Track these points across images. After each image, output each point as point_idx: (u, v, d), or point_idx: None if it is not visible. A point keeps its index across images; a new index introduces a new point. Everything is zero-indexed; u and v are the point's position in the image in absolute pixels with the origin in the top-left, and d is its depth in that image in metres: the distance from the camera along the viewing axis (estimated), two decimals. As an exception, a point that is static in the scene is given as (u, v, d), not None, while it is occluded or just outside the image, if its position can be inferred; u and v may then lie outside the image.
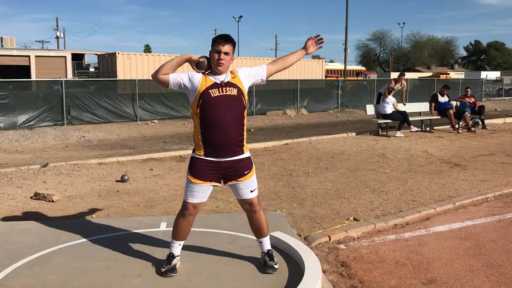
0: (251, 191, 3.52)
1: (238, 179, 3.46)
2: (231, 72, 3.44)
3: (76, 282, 3.38)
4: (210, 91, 3.30)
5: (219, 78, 3.35)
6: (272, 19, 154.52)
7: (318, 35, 3.62)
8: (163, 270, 3.47)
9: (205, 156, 3.37)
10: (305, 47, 3.64)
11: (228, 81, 3.36)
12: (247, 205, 3.53)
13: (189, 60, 3.36)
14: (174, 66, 3.37)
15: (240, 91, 3.37)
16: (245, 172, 3.50)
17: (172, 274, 3.46)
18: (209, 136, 3.34)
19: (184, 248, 3.96)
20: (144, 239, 4.26)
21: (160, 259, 3.69)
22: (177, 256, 3.57)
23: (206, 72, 3.38)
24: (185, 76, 3.38)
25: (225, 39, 3.33)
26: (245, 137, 3.51)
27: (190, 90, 3.36)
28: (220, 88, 3.32)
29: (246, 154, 3.54)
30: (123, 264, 3.69)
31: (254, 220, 3.57)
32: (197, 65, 3.36)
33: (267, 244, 3.64)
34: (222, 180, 3.48)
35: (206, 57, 3.38)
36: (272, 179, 6.89)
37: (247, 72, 3.50)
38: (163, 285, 3.34)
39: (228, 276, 3.49)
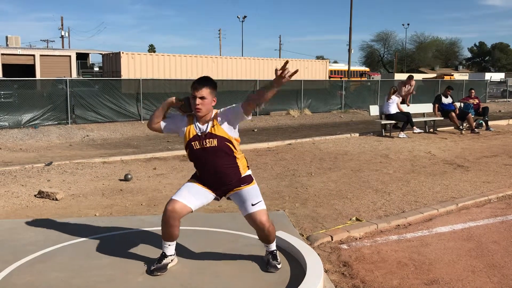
0: (253, 204, 3.44)
1: (235, 189, 3.47)
2: (214, 118, 3.39)
3: (79, 280, 3.40)
4: (192, 143, 3.37)
5: (201, 128, 3.37)
6: (276, 20, 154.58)
7: (285, 62, 3.04)
8: (152, 268, 3.49)
9: (199, 182, 3.51)
10: (274, 82, 3.09)
11: (209, 132, 3.34)
12: (253, 224, 3.46)
13: (171, 105, 3.43)
14: (161, 113, 3.48)
15: (221, 139, 3.34)
16: (241, 184, 3.47)
17: (159, 273, 3.46)
18: (199, 173, 3.50)
19: (187, 247, 3.99)
20: (147, 237, 4.28)
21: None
22: (169, 255, 3.55)
23: (189, 115, 3.44)
24: (173, 125, 3.49)
25: (200, 83, 3.32)
26: (242, 167, 3.49)
27: (180, 135, 3.50)
28: (200, 141, 3.35)
29: (244, 175, 3.52)
30: (126, 262, 3.71)
31: (260, 235, 3.55)
32: (180, 108, 3.42)
33: (273, 246, 3.63)
34: (221, 195, 3.52)
35: (188, 97, 3.40)
36: (275, 179, 6.90)
37: (227, 118, 3.39)
38: (166, 284, 3.36)
39: (231, 275, 3.50)
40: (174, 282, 3.38)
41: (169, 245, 3.53)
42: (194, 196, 3.42)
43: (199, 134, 3.36)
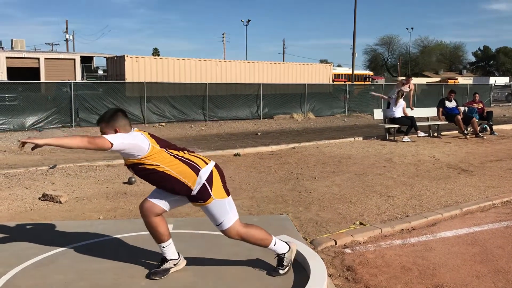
0: (217, 225, 3.38)
1: (193, 202, 3.39)
2: None
3: (82, 283, 3.40)
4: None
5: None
6: (280, 23, 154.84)
7: None
8: (151, 271, 3.50)
9: None
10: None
11: (125, 163, 3.33)
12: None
13: None
14: None
15: (133, 166, 3.27)
16: (199, 200, 3.33)
17: (156, 278, 3.45)
18: None
19: (190, 250, 3.98)
20: (151, 241, 4.25)
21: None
22: (170, 260, 3.51)
23: None
24: None
25: (97, 122, 3.39)
26: (187, 178, 3.26)
27: None
28: (129, 169, 3.38)
29: (196, 189, 3.29)
30: (130, 266, 3.71)
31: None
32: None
33: (274, 249, 3.56)
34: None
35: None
36: (278, 183, 6.90)
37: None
38: (170, 287, 3.35)
39: (234, 278, 3.50)
40: (177, 286, 3.37)
41: (164, 247, 3.49)
42: (165, 196, 3.37)
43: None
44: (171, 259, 3.53)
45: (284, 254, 3.55)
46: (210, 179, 3.32)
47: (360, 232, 4.67)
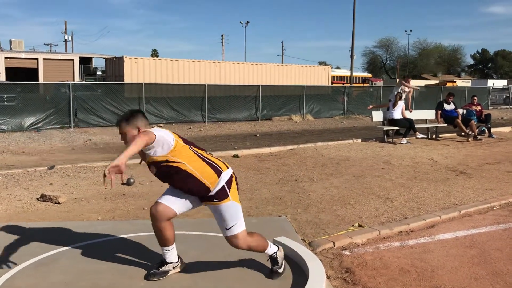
0: (227, 229, 3.30)
1: (208, 202, 3.34)
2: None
3: (81, 283, 3.40)
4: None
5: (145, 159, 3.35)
6: (279, 25, 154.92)
7: None
8: (149, 272, 3.49)
9: None
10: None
11: (147, 162, 3.31)
12: (231, 246, 3.38)
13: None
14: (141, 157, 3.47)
15: (156, 164, 3.25)
16: (214, 199, 3.30)
17: (154, 279, 3.45)
18: None
19: (189, 251, 3.99)
20: (149, 242, 4.27)
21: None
22: (169, 263, 3.51)
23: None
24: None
25: (117, 122, 3.38)
26: (208, 178, 3.25)
27: None
28: (151, 168, 3.34)
29: (215, 189, 3.29)
30: (128, 266, 3.71)
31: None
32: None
33: (268, 252, 3.56)
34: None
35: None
36: (277, 184, 6.90)
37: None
38: (168, 288, 3.36)
39: (233, 279, 3.50)
40: (176, 287, 3.37)
41: (167, 250, 3.48)
42: (177, 199, 3.36)
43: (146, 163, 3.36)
44: (171, 262, 3.53)
45: (276, 253, 3.57)
46: (229, 182, 3.34)
47: (358, 234, 4.67)
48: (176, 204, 3.35)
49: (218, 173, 3.29)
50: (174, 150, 3.21)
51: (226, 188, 3.30)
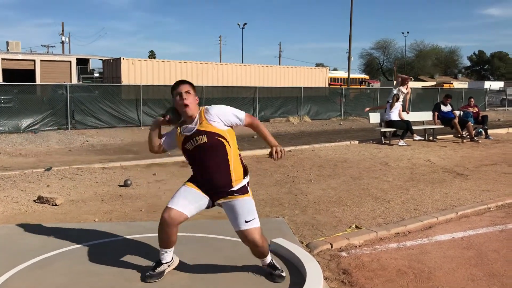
0: (246, 222, 3.31)
1: (228, 197, 3.35)
2: (200, 116, 3.33)
3: (78, 286, 3.39)
4: (185, 146, 3.35)
5: (190, 129, 3.32)
6: (276, 27, 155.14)
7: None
8: (146, 274, 3.48)
9: (195, 185, 3.43)
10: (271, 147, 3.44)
11: (197, 129, 3.29)
12: (245, 241, 3.36)
13: (160, 123, 3.42)
14: (154, 136, 3.48)
15: (211, 135, 3.26)
16: (235, 193, 3.35)
17: (152, 281, 3.44)
18: (198, 176, 3.42)
19: (187, 253, 3.98)
20: (146, 243, 4.27)
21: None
22: (165, 263, 3.52)
23: (180, 124, 3.40)
24: (171, 140, 3.50)
25: (181, 81, 3.40)
26: (236, 173, 3.35)
27: (177, 146, 3.48)
28: (192, 141, 3.31)
29: (237, 186, 3.37)
30: (125, 268, 3.70)
31: (254, 251, 3.47)
32: (168, 122, 3.39)
33: (268, 259, 3.57)
34: (213, 200, 3.42)
35: (172, 108, 3.40)
36: (274, 186, 6.90)
37: (221, 112, 3.33)
38: (165, 290, 3.35)
39: (230, 281, 3.50)
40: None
41: (166, 251, 3.50)
42: (190, 202, 3.35)
43: (188, 134, 3.32)
44: (166, 262, 3.53)
45: (272, 259, 3.61)
46: (249, 183, 3.47)
47: (356, 235, 4.68)
48: (188, 208, 3.34)
49: (245, 174, 3.45)
50: (232, 130, 3.40)
51: (247, 186, 3.45)
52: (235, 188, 3.34)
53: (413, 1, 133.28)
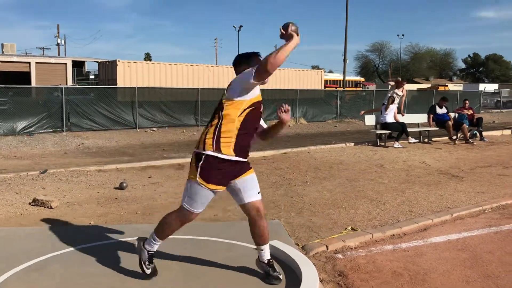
0: (258, 193, 3.51)
1: (245, 173, 3.48)
2: None
3: (74, 288, 3.38)
4: (261, 103, 3.43)
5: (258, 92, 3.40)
6: (272, 29, 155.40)
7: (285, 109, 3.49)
8: (148, 271, 3.48)
9: (236, 156, 3.36)
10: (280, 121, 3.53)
11: (259, 100, 3.43)
12: (254, 211, 3.44)
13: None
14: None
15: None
16: (249, 166, 3.56)
17: (155, 276, 3.49)
18: (245, 138, 3.39)
19: (183, 256, 3.98)
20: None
21: (157, 266, 3.69)
22: (148, 251, 3.52)
23: None
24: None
25: (255, 53, 3.56)
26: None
27: (253, 90, 3.32)
28: (260, 110, 3.47)
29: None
30: (121, 271, 3.69)
31: (258, 226, 3.48)
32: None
33: (267, 253, 3.60)
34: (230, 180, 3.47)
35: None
36: (270, 188, 6.91)
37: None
38: (161, 292, 3.35)
39: (226, 284, 3.50)
40: (169, 291, 3.37)
41: (156, 242, 3.52)
42: (205, 198, 3.36)
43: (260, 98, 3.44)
44: (150, 251, 3.50)
45: (270, 257, 3.61)
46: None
47: (351, 237, 4.69)
48: (203, 207, 3.39)
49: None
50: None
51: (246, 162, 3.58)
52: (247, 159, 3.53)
53: (408, 4, 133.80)
